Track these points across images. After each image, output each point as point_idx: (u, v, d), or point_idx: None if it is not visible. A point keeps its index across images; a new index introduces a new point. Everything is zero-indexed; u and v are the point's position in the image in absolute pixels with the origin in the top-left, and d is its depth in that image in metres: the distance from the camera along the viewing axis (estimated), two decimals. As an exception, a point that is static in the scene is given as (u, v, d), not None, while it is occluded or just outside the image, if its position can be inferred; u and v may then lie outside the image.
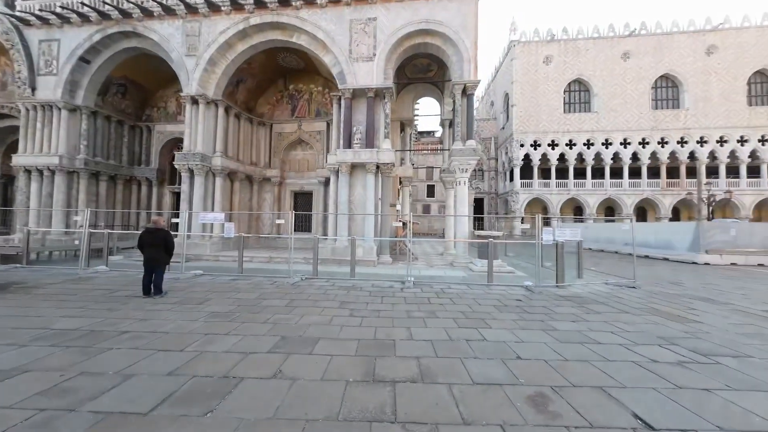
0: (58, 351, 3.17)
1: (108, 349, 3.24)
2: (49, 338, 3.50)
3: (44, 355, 3.06)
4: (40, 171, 12.42)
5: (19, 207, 12.46)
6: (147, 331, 3.80)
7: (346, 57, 10.69)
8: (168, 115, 15.40)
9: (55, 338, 3.50)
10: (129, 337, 3.58)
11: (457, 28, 10.27)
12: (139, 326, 3.96)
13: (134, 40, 12.16)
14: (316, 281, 7.20)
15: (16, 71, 12.38)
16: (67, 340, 3.46)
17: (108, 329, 3.83)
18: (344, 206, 10.60)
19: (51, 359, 2.98)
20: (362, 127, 10.74)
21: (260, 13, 11.09)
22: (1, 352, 3.10)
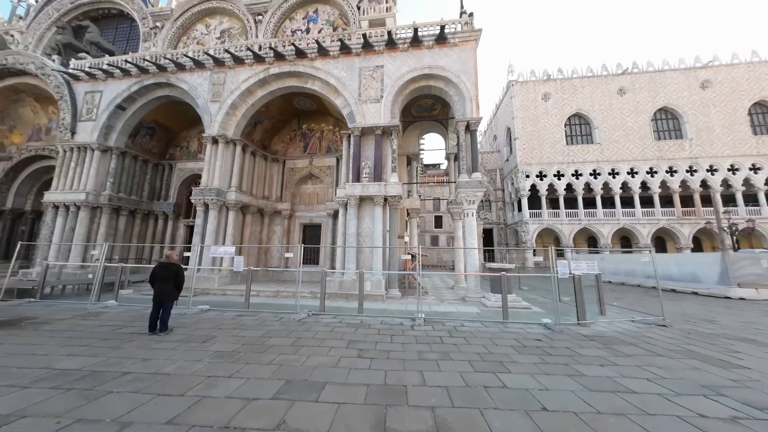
0: (58, 394, 3.05)
1: (108, 392, 3.11)
2: (51, 379, 3.40)
3: (44, 399, 2.95)
4: (67, 207, 13.15)
5: (42, 241, 12.99)
6: (149, 372, 3.66)
7: (355, 99, 11.54)
8: (189, 154, 16.49)
9: (57, 380, 3.40)
10: (130, 379, 3.44)
11: (458, 72, 11.10)
12: (141, 367, 3.83)
13: (166, 89, 13.56)
14: (323, 317, 6.97)
15: (61, 118, 13.78)
16: (68, 381, 3.35)
17: (109, 370, 3.71)
18: (352, 238, 10.63)
19: (50, 404, 2.87)
20: (370, 162, 11.19)
21: (279, 64, 12.35)
22: (2, 395, 3.01)
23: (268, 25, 14.21)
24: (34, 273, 11.84)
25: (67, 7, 17.18)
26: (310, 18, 14.82)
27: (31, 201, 17.46)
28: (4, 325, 5.84)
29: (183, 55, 12.91)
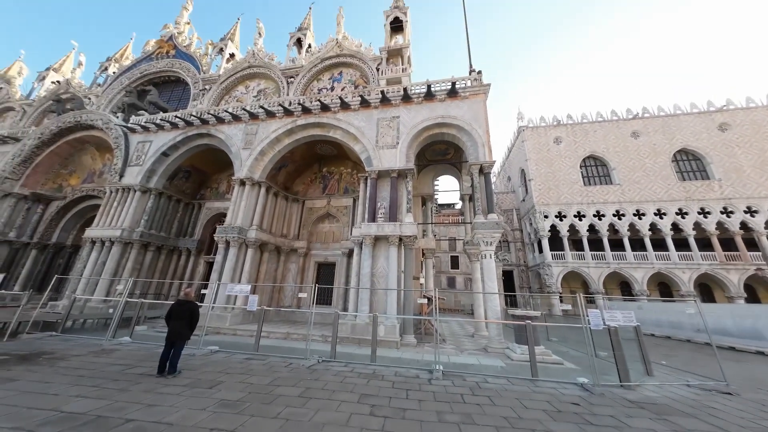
0: (60, 441, 2.94)
1: (108, 442, 2.96)
2: (57, 423, 3.31)
3: (45, 446, 2.85)
4: (103, 242, 14.13)
5: (74, 275, 13.73)
6: (152, 420, 3.49)
7: (373, 146, 12.38)
8: (218, 194, 17.76)
9: (62, 423, 3.30)
10: (132, 429, 3.28)
11: (470, 120, 11.83)
12: (145, 414, 3.66)
13: (206, 138, 15.27)
14: (333, 365, 6.55)
15: (114, 164, 15.62)
16: (73, 427, 3.25)
17: (114, 416, 3.58)
18: (366, 278, 10.44)
19: (50, 452, 2.76)
20: (386, 203, 11.50)
21: (305, 117, 13.76)
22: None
23: (298, 85, 16.26)
24: (60, 306, 12.29)
25: (136, 75, 20.72)
26: (335, 78, 16.85)
27: (73, 236, 18.93)
28: (24, 361, 5.93)
29: (224, 110, 14.78)
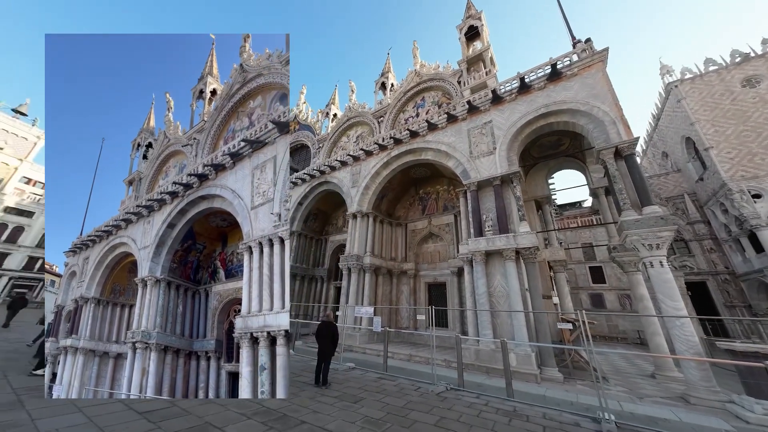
0: (265, 430, 3.93)
1: (294, 438, 3.73)
2: (262, 415, 4.47)
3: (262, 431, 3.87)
4: (270, 275, 19.14)
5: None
6: (318, 425, 4.18)
7: (467, 157, 11.93)
8: (337, 229, 21.15)
9: (263, 416, 4.43)
10: (306, 429, 4.03)
11: (586, 98, 9.71)
12: (313, 418, 4.44)
13: (324, 185, 18.84)
14: (463, 395, 6.10)
15: (271, 217, 21.44)
16: (270, 420, 4.30)
17: (293, 416, 4.51)
18: (483, 299, 9.57)
19: (262, 437, 3.72)
20: (492, 214, 10.56)
21: (397, 147, 14.92)
22: (239, 421, 4.19)
23: (387, 122, 18.01)
24: (252, 323, 17.14)
25: (278, 151, 28.52)
26: (419, 105, 17.73)
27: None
28: (239, 362, 8.46)
29: (334, 160, 17.99)
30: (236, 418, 4.32)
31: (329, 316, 7.07)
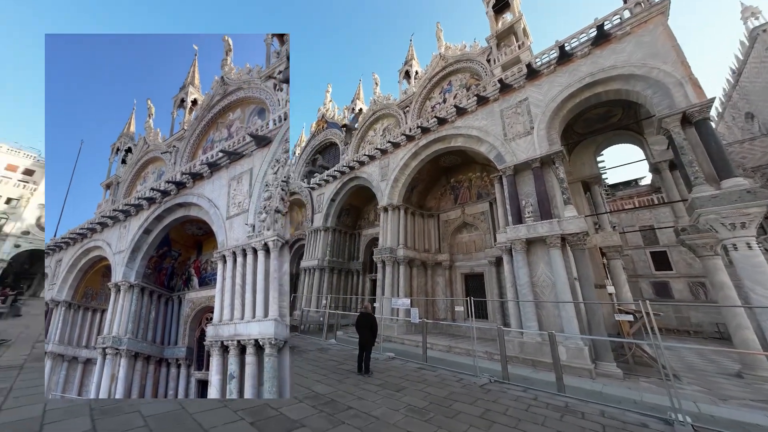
0: (316, 414, 4.22)
1: (341, 423, 3.95)
2: (313, 399, 4.81)
3: (311, 414, 4.17)
4: (308, 270, 20.21)
5: (298, 294, 20.31)
6: (364, 411, 4.37)
7: (501, 141, 11.22)
8: (369, 223, 21.50)
9: (315, 399, 4.76)
10: (353, 414, 4.24)
11: (642, 60, 8.46)
12: (358, 405, 4.65)
13: (354, 181, 19.18)
14: (509, 388, 5.90)
15: (308, 215, 22.48)
16: (320, 403, 4.60)
17: (340, 401, 4.77)
18: (525, 289, 9.05)
19: (315, 420, 4.00)
20: (532, 199, 9.86)
21: (425, 136, 14.55)
22: (292, 404, 4.55)
23: (413, 112, 17.62)
24: (295, 315, 18.36)
25: (308, 151, 29.59)
26: (445, 90, 17.02)
27: (296, 267, 28.30)
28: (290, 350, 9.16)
29: (362, 155, 18.17)
30: (289, 401, 4.70)
31: (367, 308, 7.27)
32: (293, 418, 4.00)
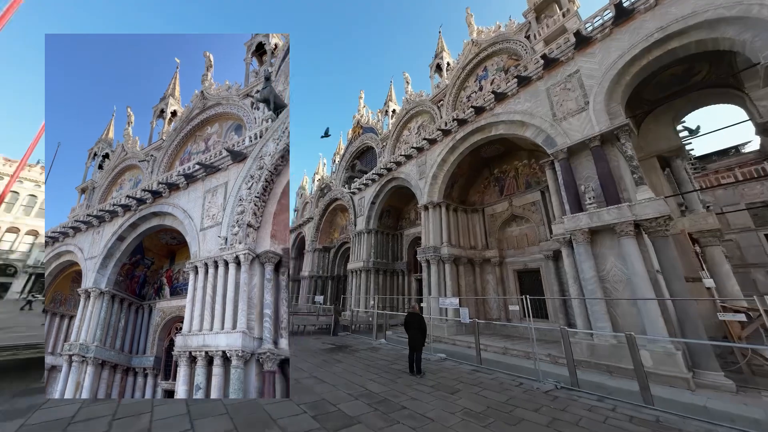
0: (372, 412, 4.34)
1: (396, 422, 3.99)
2: (366, 396, 4.96)
3: (366, 412, 4.31)
4: (355, 271, 20.95)
5: (348, 295, 21.18)
6: (418, 412, 4.35)
7: (549, 122, 10.17)
8: (410, 222, 21.41)
9: (369, 398, 4.90)
10: (407, 415, 4.25)
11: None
12: (412, 405, 4.65)
13: (393, 182, 19.32)
14: (579, 396, 5.28)
15: (351, 219, 23.37)
16: (374, 402, 4.73)
17: (393, 401, 4.83)
18: (592, 285, 8.00)
19: (370, 417, 4.12)
20: (593, 183, 8.70)
21: (462, 129, 13.94)
22: (348, 401, 4.77)
23: (448, 105, 17.05)
24: (346, 315, 19.19)
25: (347, 157, 30.74)
26: (480, 77, 16.11)
27: (343, 269, 29.62)
28: (340, 350, 9.62)
29: (399, 156, 18.21)
30: (345, 397, 4.93)
31: (415, 308, 7.24)
32: (350, 414, 4.19)
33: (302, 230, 32.90)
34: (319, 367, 7.07)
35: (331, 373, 6.50)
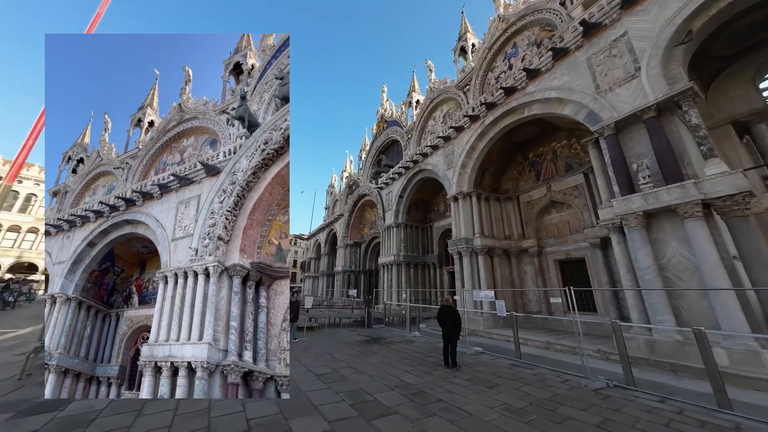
0: (408, 403, 4.39)
1: (432, 414, 3.98)
2: (402, 388, 5.03)
3: (402, 402, 4.37)
4: (386, 265, 21.15)
5: (380, 288, 21.52)
6: (455, 405, 4.31)
7: (591, 96, 9.15)
8: (440, 215, 20.96)
9: (405, 389, 4.96)
10: (444, 407, 4.22)
11: None
12: (448, 398, 4.61)
13: (420, 174, 19.00)
14: (635, 396, 4.80)
15: (379, 215, 23.59)
16: (410, 393, 4.77)
17: (429, 393, 4.83)
18: (650, 275, 7.14)
19: (405, 408, 4.17)
20: (648, 160, 7.69)
21: (491, 113, 13.16)
22: (384, 391, 4.87)
23: (474, 89, 16.18)
24: (379, 308, 19.55)
25: (372, 153, 30.87)
26: (509, 55, 14.99)
27: (374, 264, 30.13)
28: (376, 342, 9.85)
29: (425, 146, 17.81)
30: (381, 388, 5.04)
31: (448, 301, 7.13)
32: (386, 404, 4.28)
33: (333, 227, 34.02)
34: (355, 358, 7.32)
35: (367, 364, 6.70)
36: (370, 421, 3.70)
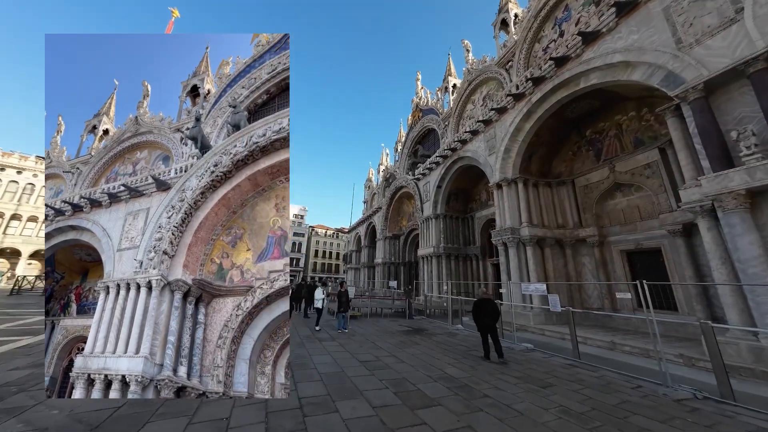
0: (452, 396, 4.30)
1: (478, 410, 3.83)
2: (445, 380, 4.94)
3: (446, 395, 4.29)
4: (425, 257, 20.90)
5: (420, 280, 21.42)
6: (503, 403, 4.08)
7: (670, 53, 7.62)
8: (482, 204, 19.87)
9: (448, 382, 4.86)
10: (491, 403, 4.04)
11: None
12: (495, 394, 4.39)
13: (458, 162, 18.15)
14: (735, 412, 3.99)
15: (417, 206, 23.31)
16: (454, 387, 4.66)
17: (475, 387, 4.66)
18: (757, 268, 5.81)
19: (450, 401, 4.09)
20: (754, 125, 6.17)
21: (539, 89, 11.85)
22: (427, 382, 4.84)
23: (518, 64, 14.71)
24: (420, 300, 19.49)
25: (408, 144, 30.46)
26: (560, 21, 13.23)
27: (414, 255, 30.05)
28: (417, 333, 9.85)
29: (463, 132, 16.91)
30: (424, 378, 5.02)
31: (485, 293, 6.78)
32: (430, 395, 4.25)
33: (372, 220, 34.68)
34: (397, 347, 7.42)
35: (410, 354, 6.73)
36: (414, 411, 3.70)
